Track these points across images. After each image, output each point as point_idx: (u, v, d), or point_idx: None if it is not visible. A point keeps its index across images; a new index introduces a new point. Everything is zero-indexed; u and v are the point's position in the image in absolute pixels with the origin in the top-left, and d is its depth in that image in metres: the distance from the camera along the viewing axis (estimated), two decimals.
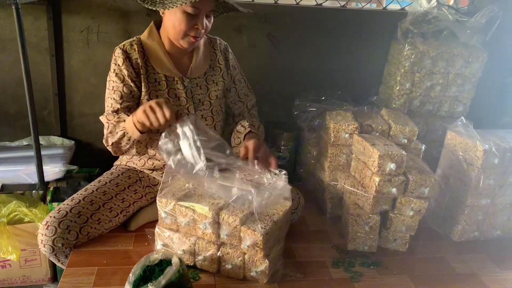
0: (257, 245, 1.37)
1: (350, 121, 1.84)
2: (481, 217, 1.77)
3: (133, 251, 1.59)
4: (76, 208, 1.56)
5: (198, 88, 1.72)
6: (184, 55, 1.70)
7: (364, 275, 1.55)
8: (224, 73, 1.79)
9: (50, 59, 2.08)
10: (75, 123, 2.24)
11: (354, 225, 1.66)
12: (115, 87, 1.60)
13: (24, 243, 1.95)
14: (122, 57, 1.60)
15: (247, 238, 1.38)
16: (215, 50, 1.78)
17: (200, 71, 1.73)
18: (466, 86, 2.18)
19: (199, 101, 1.72)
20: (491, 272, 1.63)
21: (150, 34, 1.65)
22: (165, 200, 1.47)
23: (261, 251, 1.38)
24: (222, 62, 1.79)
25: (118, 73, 1.60)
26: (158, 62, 1.65)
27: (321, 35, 2.30)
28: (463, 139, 1.74)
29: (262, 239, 1.35)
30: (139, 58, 1.62)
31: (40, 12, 2.01)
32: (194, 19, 1.52)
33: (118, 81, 1.60)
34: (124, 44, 1.63)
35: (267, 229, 1.36)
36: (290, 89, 2.34)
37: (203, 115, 1.74)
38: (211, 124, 1.77)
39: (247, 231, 1.37)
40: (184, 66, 1.70)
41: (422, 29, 2.11)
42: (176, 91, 1.68)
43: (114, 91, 1.61)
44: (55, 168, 1.98)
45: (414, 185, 1.59)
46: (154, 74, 1.65)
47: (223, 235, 1.42)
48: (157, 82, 1.65)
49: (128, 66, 1.60)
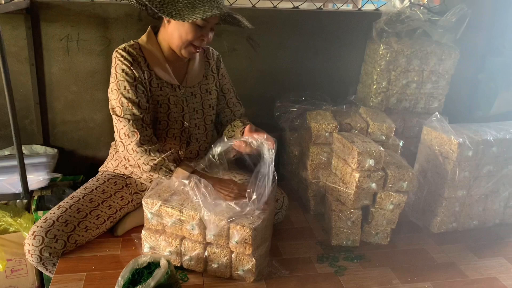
0: (246, 240, 1.40)
1: (329, 120, 1.89)
2: (458, 209, 1.84)
3: (120, 256, 1.60)
4: (63, 217, 1.56)
5: (193, 96, 1.74)
6: (181, 64, 1.72)
7: (348, 269, 1.60)
8: (216, 81, 1.82)
9: (30, 68, 2.08)
10: (58, 131, 2.23)
11: (337, 220, 1.71)
12: (128, 85, 1.55)
13: (9, 253, 1.94)
14: (130, 58, 1.57)
15: (235, 234, 1.41)
16: (209, 59, 1.81)
17: (195, 80, 1.75)
18: (440, 83, 2.25)
19: (193, 109, 1.74)
20: (469, 260, 1.69)
21: (148, 40, 1.65)
22: (151, 201, 1.49)
23: (249, 247, 1.41)
24: (215, 71, 1.82)
25: (128, 73, 1.56)
26: (159, 68, 1.65)
27: (299, 37, 2.35)
28: (438, 133, 1.80)
29: (251, 234, 1.38)
30: (142, 62, 1.61)
31: (19, 21, 2.00)
32: (201, 31, 1.55)
33: (130, 80, 1.56)
34: (125, 47, 1.60)
35: (256, 225, 1.40)
36: (270, 91, 2.37)
37: (197, 123, 1.76)
38: (204, 132, 1.79)
39: (236, 227, 1.40)
40: (180, 74, 1.72)
41: (396, 29, 2.18)
42: (175, 98, 1.69)
43: (127, 90, 1.55)
44: (39, 177, 1.98)
45: (393, 179, 1.65)
46: (156, 79, 1.65)
47: (210, 235, 1.45)
48: (159, 87, 1.66)
49: (136, 68, 1.58)
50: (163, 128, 1.70)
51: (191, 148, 1.78)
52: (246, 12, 2.26)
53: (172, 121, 1.70)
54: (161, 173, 1.55)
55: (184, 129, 1.73)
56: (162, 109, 1.67)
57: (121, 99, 1.55)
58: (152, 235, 1.53)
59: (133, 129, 1.55)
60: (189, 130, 1.74)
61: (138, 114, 1.55)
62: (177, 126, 1.72)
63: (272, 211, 1.55)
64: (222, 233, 1.44)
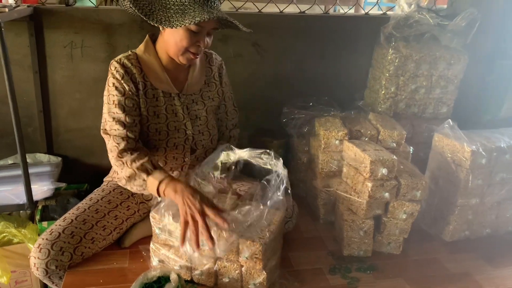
0: (255, 255, 1.37)
1: (339, 127, 1.85)
2: (471, 217, 1.81)
3: (128, 269, 1.57)
4: (69, 229, 1.53)
5: (194, 104, 1.71)
6: (181, 71, 1.68)
7: (361, 280, 1.57)
8: (219, 89, 1.78)
9: (33, 76, 2.05)
10: (61, 139, 2.20)
11: (348, 230, 1.68)
12: (116, 101, 1.55)
13: (13, 265, 1.91)
14: (121, 71, 1.55)
15: (245, 249, 1.38)
16: (211, 66, 1.77)
17: (196, 87, 1.72)
18: (449, 88, 2.22)
19: (195, 116, 1.71)
20: (484, 270, 1.66)
21: (146, 49, 1.62)
22: (159, 217, 1.46)
23: (260, 262, 1.38)
24: (217, 78, 1.78)
25: (118, 87, 1.55)
26: (155, 78, 1.62)
27: (305, 42, 2.32)
28: (451, 141, 1.77)
29: (261, 249, 1.35)
30: (137, 73, 1.58)
31: (22, 29, 1.97)
32: (196, 37, 1.51)
33: (119, 95, 1.55)
34: (121, 58, 1.58)
35: (266, 239, 1.37)
36: (277, 96, 2.34)
37: (200, 130, 1.73)
38: (208, 138, 1.76)
39: (245, 242, 1.37)
40: (180, 82, 1.68)
41: (404, 33, 2.15)
42: (173, 107, 1.66)
43: (115, 104, 1.54)
44: (43, 187, 1.94)
45: (406, 188, 1.61)
46: (152, 89, 1.62)
47: (220, 250, 1.41)
48: (155, 98, 1.63)
49: (127, 81, 1.56)
50: (163, 138, 1.67)
51: (197, 154, 1.75)
52: (252, 17, 2.24)
53: (172, 130, 1.67)
54: (137, 184, 1.51)
55: (187, 137, 1.70)
56: (160, 119, 1.64)
57: (108, 114, 1.56)
58: (161, 248, 1.49)
59: (115, 143, 1.53)
60: (193, 137, 1.71)
61: (121, 130, 1.53)
62: (180, 134, 1.68)
63: (281, 221, 1.51)
64: (232, 249, 1.40)
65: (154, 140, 1.65)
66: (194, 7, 1.46)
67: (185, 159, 1.71)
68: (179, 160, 1.70)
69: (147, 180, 1.47)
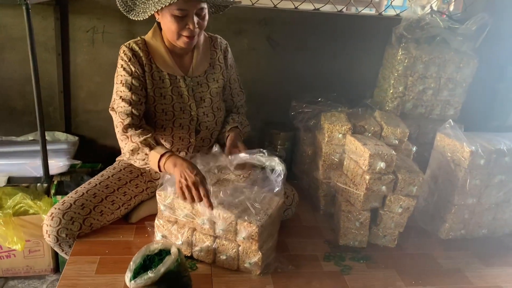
0: (252, 237, 1.45)
1: (343, 122, 1.91)
2: (467, 216, 1.85)
3: (133, 242, 1.66)
4: (80, 200, 1.63)
5: (199, 86, 1.78)
6: (186, 54, 1.76)
7: (353, 268, 1.63)
8: (223, 71, 1.85)
9: (56, 58, 2.16)
10: (79, 119, 2.31)
11: (345, 221, 1.74)
12: (123, 80, 1.65)
13: (28, 234, 2.03)
14: (129, 54, 1.66)
15: (243, 230, 1.45)
16: (216, 49, 1.84)
17: (201, 70, 1.79)
18: (457, 91, 2.25)
19: (200, 98, 1.79)
20: (475, 268, 1.70)
21: (153, 35, 1.72)
22: (164, 194, 1.54)
23: (255, 243, 1.46)
24: (222, 61, 1.85)
25: (125, 68, 1.65)
26: (161, 61, 1.71)
27: (318, 39, 2.38)
28: (451, 140, 1.81)
29: (258, 231, 1.43)
30: (144, 56, 1.68)
31: (48, 12, 2.08)
32: (184, 20, 1.57)
33: (126, 75, 1.65)
34: (130, 43, 1.69)
35: (262, 222, 1.44)
36: (287, 90, 2.41)
37: (205, 112, 1.80)
38: (213, 120, 1.83)
39: (243, 223, 1.44)
40: (185, 65, 1.77)
41: (415, 35, 2.18)
42: (179, 89, 1.75)
43: (122, 83, 1.65)
44: (60, 162, 2.06)
45: (403, 183, 1.67)
46: (158, 72, 1.71)
47: (218, 230, 1.49)
48: (161, 80, 1.72)
49: (134, 63, 1.66)
50: (169, 119, 1.76)
51: (202, 135, 1.82)
52: (267, 12, 2.31)
53: (178, 111, 1.76)
54: (139, 158, 1.60)
55: (192, 118, 1.78)
56: (166, 100, 1.73)
57: (116, 93, 1.67)
58: (165, 224, 1.58)
59: (120, 119, 1.63)
60: (197, 118, 1.79)
61: (126, 107, 1.63)
62: (185, 115, 1.77)
63: (280, 207, 1.58)
64: (230, 229, 1.48)
65: (161, 120, 1.74)
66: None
67: (190, 139, 1.80)
68: (185, 140, 1.79)
69: (149, 154, 1.57)
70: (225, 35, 1.90)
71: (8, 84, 2.20)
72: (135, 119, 1.64)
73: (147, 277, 1.31)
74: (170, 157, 1.53)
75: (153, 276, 1.32)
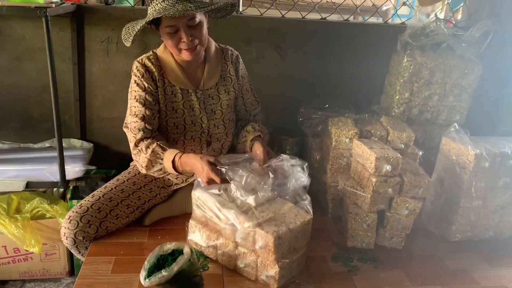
0: (268, 247, 1.44)
1: (350, 126, 1.96)
2: (473, 218, 1.87)
3: (147, 244, 1.72)
4: (96, 204, 1.69)
5: (210, 98, 1.83)
6: (196, 68, 1.81)
7: (361, 269, 1.66)
8: (234, 83, 1.89)
9: (72, 67, 2.25)
10: (94, 127, 2.39)
11: (353, 223, 1.78)
12: (137, 96, 1.72)
13: (45, 238, 2.10)
14: (142, 70, 1.72)
15: (259, 239, 1.46)
16: (226, 61, 1.87)
17: (212, 82, 1.83)
18: (462, 96, 2.29)
19: (211, 110, 1.83)
20: (482, 269, 1.73)
21: (164, 49, 1.77)
22: (197, 195, 1.60)
23: (272, 254, 1.44)
24: (233, 73, 1.88)
25: (139, 83, 1.72)
26: (173, 76, 1.76)
27: (325, 47, 2.44)
28: (456, 144, 1.85)
29: (274, 241, 1.41)
30: (156, 72, 1.74)
31: (65, 24, 2.17)
32: (177, 34, 1.62)
33: (140, 90, 1.71)
34: (142, 59, 1.75)
35: (280, 233, 1.43)
36: (295, 97, 2.47)
37: (216, 124, 1.85)
38: (223, 132, 1.88)
39: (260, 232, 1.45)
40: (197, 78, 1.82)
41: (420, 42, 2.23)
42: (191, 102, 1.80)
43: (136, 99, 1.71)
44: (75, 168, 2.13)
45: (409, 185, 1.71)
46: (170, 87, 1.77)
47: (238, 237, 1.52)
48: (173, 94, 1.77)
49: (147, 79, 1.72)
50: (181, 132, 1.81)
51: (213, 147, 1.88)
52: (276, 21, 2.38)
53: (189, 124, 1.81)
54: (156, 170, 1.69)
55: (203, 130, 1.82)
56: (178, 114, 1.79)
57: (130, 108, 1.74)
58: (197, 225, 1.63)
59: (133, 134, 1.71)
60: (208, 130, 1.83)
61: (139, 122, 1.70)
62: (196, 128, 1.81)
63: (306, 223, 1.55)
64: (249, 238, 1.49)
65: (172, 133, 1.80)
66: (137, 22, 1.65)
67: (202, 151, 1.85)
68: (196, 152, 1.84)
69: (163, 164, 1.65)
70: (234, 44, 1.96)
71: (26, 93, 2.29)
72: (147, 132, 1.70)
73: (161, 276, 1.36)
74: (182, 156, 1.61)
75: (167, 274, 1.36)
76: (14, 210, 2.04)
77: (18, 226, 2.00)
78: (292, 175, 1.60)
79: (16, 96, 2.29)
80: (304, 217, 1.56)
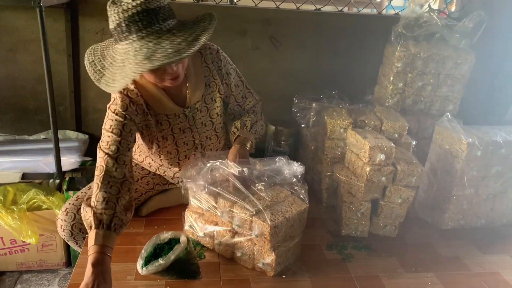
0: (264, 235, 1.46)
1: (344, 117, 1.98)
2: (465, 206, 1.90)
3: (144, 233, 1.73)
4: None
5: (198, 112, 1.70)
6: (180, 86, 1.63)
7: (355, 256, 1.69)
8: (220, 87, 1.73)
9: (67, 59, 2.24)
10: (89, 118, 2.39)
11: (347, 211, 1.80)
12: (113, 125, 1.49)
13: (41, 229, 2.10)
14: (126, 102, 1.52)
15: (256, 227, 1.48)
16: (208, 64, 1.68)
17: (198, 95, 1.68)
18: (455, 86, 2.31)
19: (201, 124, 1.72)
20: (474, 256, 1.76)
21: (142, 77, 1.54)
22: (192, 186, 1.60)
23: (268, 242, 1.47)
24: (216, 76, 1.71)
25: (119, 113, 1.50)
26: (157, 104, 1.60)
27: (319, 38, 2.45)
28: (449, 133, 1.87)
29: (270, 230, 1.44)
30: (143, 103, 1.57)
31: (59, 15, 2.17)
32: (159, 71, 1.43)
33: (120, 119, 1.50)
34: (125, 89, 1.54)
35: (276, 222, 1.44)
36: (290, 88, 2.48)
37: (208, 135, 1.76)
38: (216, 141, 1.81)
39: (257, 221, 1.47)
40: (182, 97, 1.66)
41: (414, 33, 2.25)
42: (180, 125, 1.68)
43: (112, 129, 1.49)
44: (71, 159, 2.14)
45: (402, 174, 1.73)
46: (155, 116, 1.62)
47: (235, 225, 1.54)
48: (159, 123, 1.64)
49: (132, 112, 1.53)
50: (174, 156, 1.73)
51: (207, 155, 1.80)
52: (270, 12, 2.39)
53: (181, 146, 1.72)
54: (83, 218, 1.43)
55: (196, 146, 1.76)
56: (169, 141, 1.69)
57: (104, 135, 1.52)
58: (193, 215, 1.65)
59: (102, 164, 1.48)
60: (201, 144, 1.76)
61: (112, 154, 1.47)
62: (188, 147, 1.74)
63: (302, 212, 1.57)
64: (246, 225, 1.51)
65: (167, 159, 1.74)
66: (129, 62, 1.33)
67: None
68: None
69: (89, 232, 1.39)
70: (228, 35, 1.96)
71: (21, 85, 2.29)
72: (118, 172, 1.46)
73: (158, 264, 1.38)
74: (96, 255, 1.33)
75: (164, 263, 1.38)
76: (10, 201, 2.05)
77: (15, 218, 2.00)
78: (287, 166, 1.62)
79: (11, 88, 2.29)
80: (300, 205, 1.57)
